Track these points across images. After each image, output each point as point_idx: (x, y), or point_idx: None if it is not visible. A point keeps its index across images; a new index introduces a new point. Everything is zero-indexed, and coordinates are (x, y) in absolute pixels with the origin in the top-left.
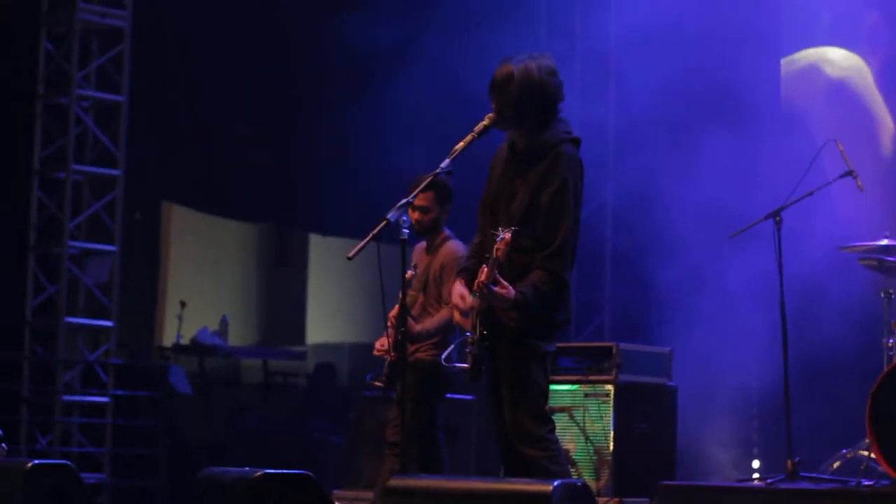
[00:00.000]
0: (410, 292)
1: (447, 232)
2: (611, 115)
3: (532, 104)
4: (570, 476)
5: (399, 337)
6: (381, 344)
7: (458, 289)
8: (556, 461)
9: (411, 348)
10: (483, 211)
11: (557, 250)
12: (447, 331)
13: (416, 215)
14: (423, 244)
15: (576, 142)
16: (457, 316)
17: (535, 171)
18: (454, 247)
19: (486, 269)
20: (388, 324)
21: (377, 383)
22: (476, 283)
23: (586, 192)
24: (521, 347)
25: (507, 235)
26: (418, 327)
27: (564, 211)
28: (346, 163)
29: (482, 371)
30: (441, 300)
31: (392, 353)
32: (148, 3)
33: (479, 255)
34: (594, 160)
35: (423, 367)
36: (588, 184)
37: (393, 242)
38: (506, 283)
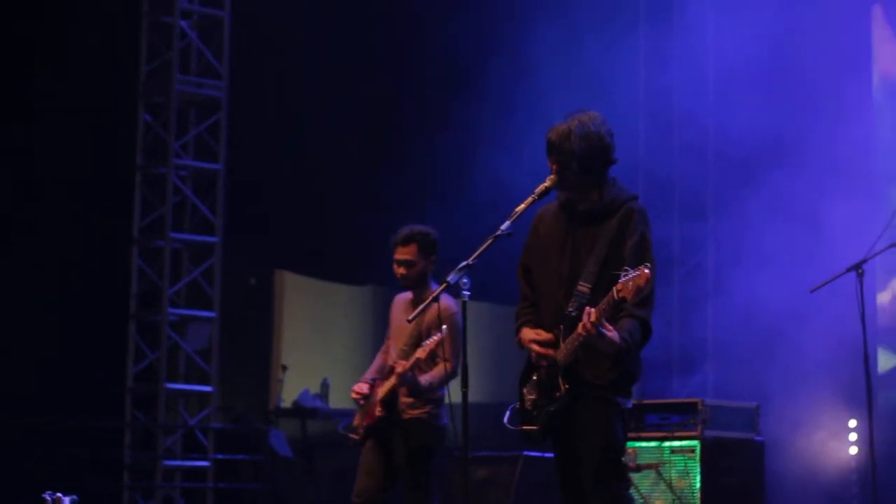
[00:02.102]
0: (402, 347)
1: (435, 285)
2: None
3: (595, 161)
4: None
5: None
6: (360, 388)
7: (530, 330)
8: None
9: (402, 405)
10: (527, 272)
11: (647, 299)
12: (442, 388)
13: (401, 270)
14: (406, 297)
15: (638, 199)
16: (536, 349)
17: (604, 227)
18: (446, 303)
19: (593, 311)
20: (390, 374)
21: (352, 436)
22: (582, 325)
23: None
24: (603, 403)
25: (629, 281)
26: (426, 379)
27: (650, 258)
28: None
29: (549, 431)
30: (435, 357)
31: (380, 409)
32: (244, 72)
33: (532, 315)
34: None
35: (423, 427)
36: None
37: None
38: (610, 327)
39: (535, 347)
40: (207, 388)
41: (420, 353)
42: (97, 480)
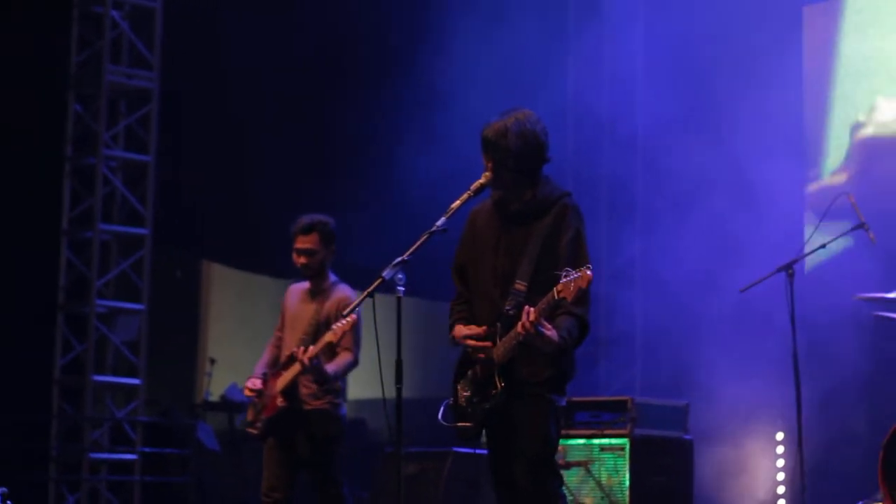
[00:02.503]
0: (301, 336)
1: (333, 276)
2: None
3: (531, 159)
4: None
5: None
6: (254, 384)
7: (464, 326)
8: None
9: (303, 396)
10: (462, 270)
11: (584, 297)
12: (344, 378)
13: (301, 259)
14: (302, 287)
15: (571, 196)
16: (472, 342)
17: (538, 225)
18: (348, 291)
19: (532, 310)
20: (286, 366)
21: (251, 430)
22: (521, 325)
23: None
24: (538, 401)
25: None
26: (331, 368)
27: (585, 255)
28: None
29: (483, 428)
30: (335, 346)
31: (281, 399)
32: (175, 63)
33: (467, 312)
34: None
35: (327, 417)
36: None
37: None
38: (549, 326)
39: (471, 342)
40: (135, 381)
41: (331, 337)
42: (24, 473)
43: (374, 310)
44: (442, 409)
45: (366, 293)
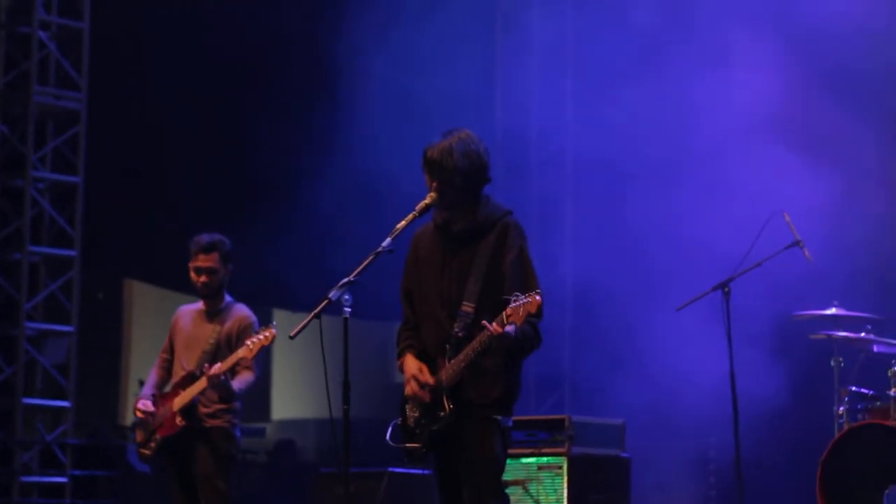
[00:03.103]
0: (201, 354)
1: (228, 296)
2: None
3: (476, 179)
4: None
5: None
6: (145, 406)
7: (413, 363)
8: None
9: (206, 414)
10: (409, 294)
11: (537, 311)
12: (245, 396)
13: (203, 278)
14: (194, 308)
15: (512, 214)
16: (413, 387)
17: (482, 245)
18: (246, 311)
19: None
20: (182, 385)
21: (143, 451)
22: (494, 328)
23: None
24: (487, 422)
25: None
26: (237, 385)
27: (531, 273)
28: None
29: (431, 449)
30: (235, 364)
31: (180, 419)
32: (103, 85)
33: (414, 339)
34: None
35: (226, 436)
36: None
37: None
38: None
39: (414, 387)
40: (65, 404)
41: (245, 353)
42: None
43: (320, 332)
44: (390, 429)
45: (312, 314)
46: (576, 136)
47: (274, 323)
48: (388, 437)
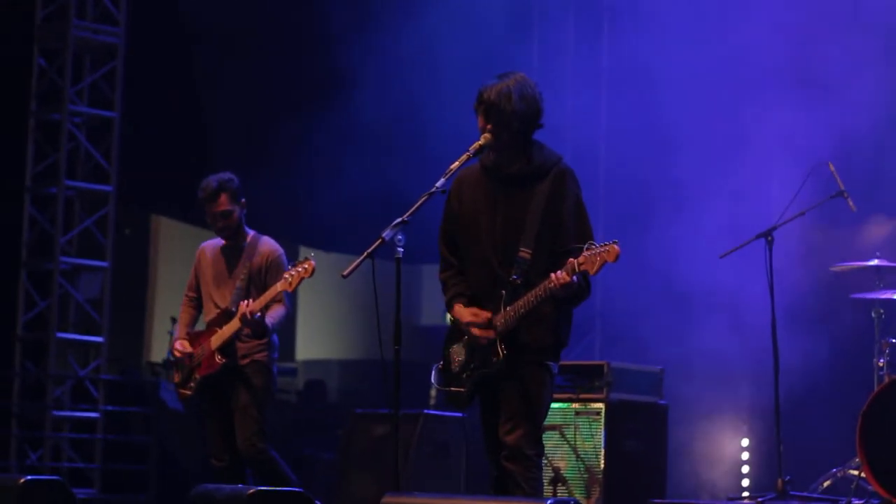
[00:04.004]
0: (232, 292)
1: (249, 230)
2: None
3: (532, 123)
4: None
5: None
6: (183, 346)
7: (466, 309)
8: (535, 485)
9: (243, 350)
10: (451, 238)
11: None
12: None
13: (219, 223)
14: (218, 244)
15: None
16: (476, 332)
17: (536, 190)
18: (272, 243)
19: (565, 269)
20: (219, 322)
21: (184, 391)
22: (562, 276)
23: None
24: (539, 368)
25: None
26: (269, 320)
27: (587, 222)
28: (337, 178)
29: (477, 393)
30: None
31: (220, 357)
32: (141, 20)
33: (461, 285)
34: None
35: (264, 370)
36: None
37: (387, 259)
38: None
39: (476, 332)
40: (98, 339)
41: (284, 286)
42: None
43: (373, 272)
44: (433, 372)
45: (365, 254)
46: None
47: (312, 254)
48: (432, 379)
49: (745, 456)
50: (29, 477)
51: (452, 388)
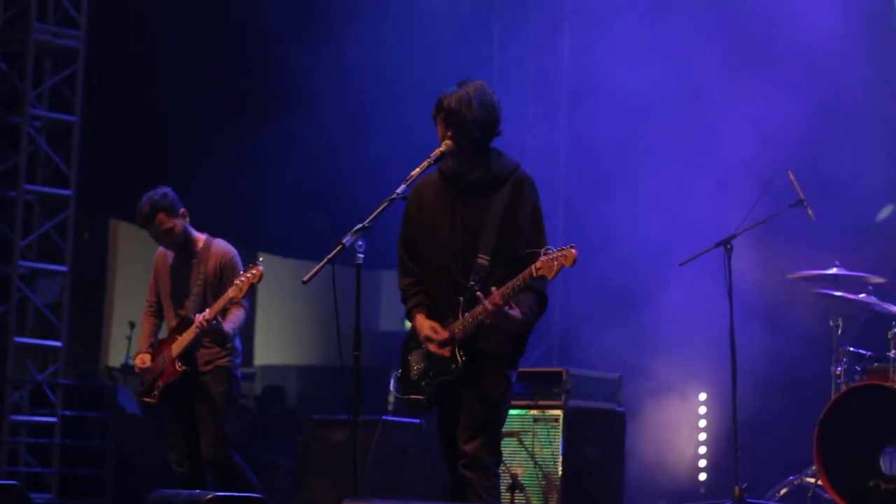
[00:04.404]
0: (190, 298)
1: (199, 234)
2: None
3: (491, 130)
4: None
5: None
6: (143, 359)
7: (426, 322)
8: (493, 493)
9: (205, 356)
10: (410, 246)
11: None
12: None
13: (164, 240)
14: (169, 252)
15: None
16: (433, 348)
17: (495, 198)
18: (225, 246)
19: (496, 292)
20: (178, 330)
21: (147, 399)
22: (484, 309)
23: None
24: (498, 376)
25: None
26: (228, 325)
27: (543, 230)
28: (295, 183)
29: (436, 401)
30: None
31: (180, 364)
32: (102, 24)
33: (421, 294)
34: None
35: (226, 376)
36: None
37: (347, 265)
38: (512, 304)
39: (433, 348)
40: (56, 343)
41: (235, 292)
42: None
43: (333, 278)
44: (392, 381)
45: (325, 260)
46: None
47: (261, 259)
48: (391, 387)
49: (703, 463)
50: None
51: (412, 396)
